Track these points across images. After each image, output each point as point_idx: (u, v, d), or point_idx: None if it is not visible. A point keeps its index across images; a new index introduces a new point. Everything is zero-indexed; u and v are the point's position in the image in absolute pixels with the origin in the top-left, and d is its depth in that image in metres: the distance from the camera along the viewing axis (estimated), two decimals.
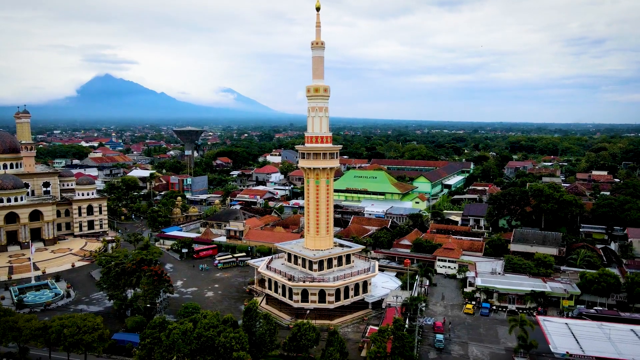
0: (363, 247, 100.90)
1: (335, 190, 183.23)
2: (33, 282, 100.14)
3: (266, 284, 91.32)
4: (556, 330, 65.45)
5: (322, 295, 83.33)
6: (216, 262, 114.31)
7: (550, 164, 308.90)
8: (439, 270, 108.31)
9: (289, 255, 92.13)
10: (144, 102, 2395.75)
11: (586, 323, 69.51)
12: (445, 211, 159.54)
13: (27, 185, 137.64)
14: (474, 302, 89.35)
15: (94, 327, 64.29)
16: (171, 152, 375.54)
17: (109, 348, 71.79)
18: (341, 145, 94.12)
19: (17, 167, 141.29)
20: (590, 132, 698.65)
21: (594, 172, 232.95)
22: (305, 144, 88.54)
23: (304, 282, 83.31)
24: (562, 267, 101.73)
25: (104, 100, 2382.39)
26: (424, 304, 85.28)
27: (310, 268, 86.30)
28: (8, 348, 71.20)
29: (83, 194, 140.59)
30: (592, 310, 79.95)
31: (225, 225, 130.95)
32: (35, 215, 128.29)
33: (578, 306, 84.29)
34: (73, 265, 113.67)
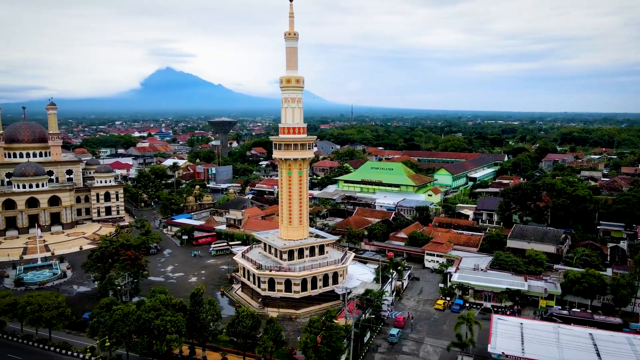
0: (337, 238, 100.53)
1: (351, 182, 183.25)
2: (39, 262, 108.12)
3: (241, 271, 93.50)
4: (504, 331, 62.70)
5: (288, 285, 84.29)
6: (211, 249, 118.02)
7: (597, 156, 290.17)
8: (427, 264, 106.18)
9: (264, 244, 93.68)
10: (202, 94, 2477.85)
11: (542, 324, 65.95)
12: (459, 205, 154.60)
13: (51, 173, 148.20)
14: (448, 298, 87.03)
15: (55, 306, 69.09)
16: (213, 142, 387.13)
17: (80, 325, 76.91)
18: (315, 137, 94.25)
19: (45, 155, 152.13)
20: None
21: None
22: (279, 135, 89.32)
23: (270, 270, 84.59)
24: (556, 266, 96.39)
25: (165, 93, 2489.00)
26: (390, 298, 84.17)
27: (281, 257, 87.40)
28: None
29: (101, 182, 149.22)
30: (564, 312, 75.59)
31: (225, 214, 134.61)
32: (55, 201, 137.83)
33: (554, 306, 79.97)
34: (81, 248, 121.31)
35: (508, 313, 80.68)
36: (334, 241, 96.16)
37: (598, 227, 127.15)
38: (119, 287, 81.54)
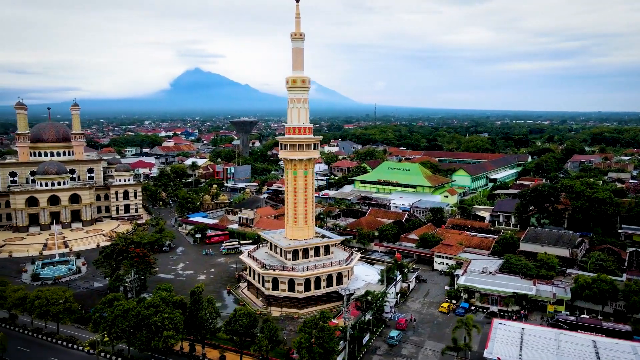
0: (342, 238, 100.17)
1: (367, 182, 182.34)
2: (57, 257, 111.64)
3: (247, 270, 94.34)
4: (504, 336, 61.32)
5: (292, 285, 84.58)
6: (222, 247, 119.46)
7: (628, 157, 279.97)
8: (436, 266, 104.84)
9: (270, 243, 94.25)
10: (230, 94, 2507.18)
11: (544, 330, 64.17)
12: (475, 206, 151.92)
13: (73, 171, 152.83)
14: (454, 301, 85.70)
15: (62, 301, 71.28)
16: (234, 142, 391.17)
17: (88, 320, 78.87)
18: (321, 137, 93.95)
19: (68, 154, 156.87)
20: None
21: None
22: (285, 135, 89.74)
23: (274, 270, 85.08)
24: (569, 270, 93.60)
25: (193, 93, 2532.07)
26: (393, 300, 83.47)
27: (285, 257, 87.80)
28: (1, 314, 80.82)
29: (120, 180, 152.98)
30: (571, 318, 73.41)
31: (238, 213, 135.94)
32: (76, 199, 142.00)
33: (562, 312, 77.77)
34: (98, 245, 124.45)
35: (514, 318, 78.92)
36: (339, 242, 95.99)
37: (619, 230, 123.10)
38: (126, 284, 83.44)
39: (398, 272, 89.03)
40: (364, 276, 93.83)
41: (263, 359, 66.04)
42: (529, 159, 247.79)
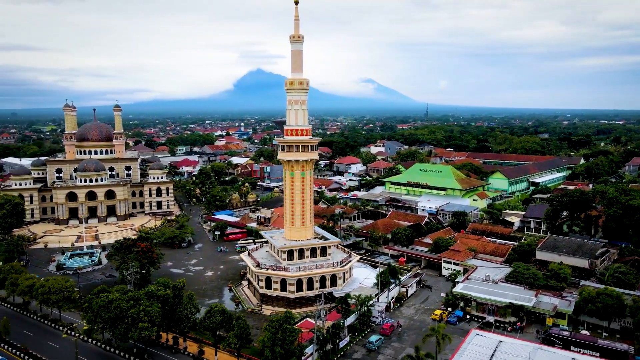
0: (339, 240, 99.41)
1: (397, 184, 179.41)
2: (85, 249, 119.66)
3: (247, 269, 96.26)
4: (475, 349, 58.48)
5: (284, 284, 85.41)
6: (237, 245, 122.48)
7: None
8: (444, 272, 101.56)
9: (270, 243, 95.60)
10: None
11: (521, 345, 60.34)
12: (506, 211, 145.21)
13: (112, 169, 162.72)
14: (450, 309, 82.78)
15: (62, 290, 76.64)
16: (274, 141, 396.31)
17: None
18: (320, 138, 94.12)
19: (110, 152, 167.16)
20: None
21: None
22: (284, 136, 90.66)
23: (266, 269, 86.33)
24: (582, 282, 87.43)
25: (255, 93, 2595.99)
26: (384, 304, 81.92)
27: (281, 257, 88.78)
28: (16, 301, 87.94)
29: (154, 177, 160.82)
30: (565, 333, 68.60)
31: (257, 212, 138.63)
32: (112, 194, 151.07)
33: (561, 326, 72.87)
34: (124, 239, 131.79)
35: (509, 329, 75.19)
36: (336, 243, 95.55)
37: None
38: (126, 277, 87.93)
39: (390, 276, 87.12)
40: (363, 279, 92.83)
41: (239, 356, 67.49)
42: (582, 162, 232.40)
